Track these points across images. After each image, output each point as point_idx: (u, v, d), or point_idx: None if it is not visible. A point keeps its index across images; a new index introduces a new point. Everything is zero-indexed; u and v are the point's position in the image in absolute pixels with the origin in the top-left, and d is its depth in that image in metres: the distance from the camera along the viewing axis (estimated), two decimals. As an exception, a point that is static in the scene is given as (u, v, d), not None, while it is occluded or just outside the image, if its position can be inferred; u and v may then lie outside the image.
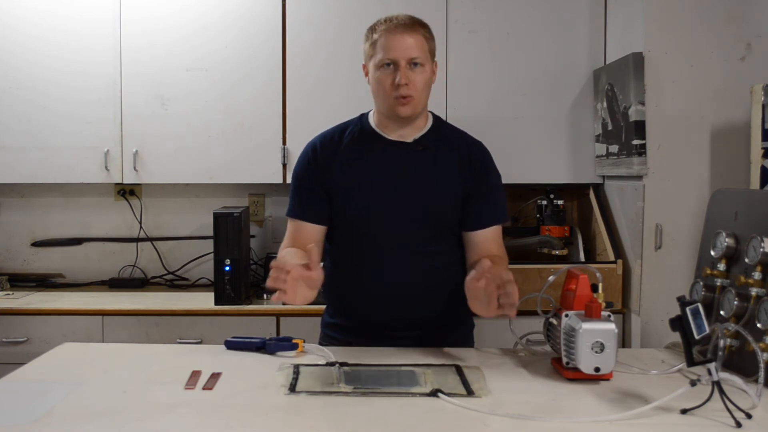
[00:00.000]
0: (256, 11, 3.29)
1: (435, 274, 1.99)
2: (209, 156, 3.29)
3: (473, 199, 2.00)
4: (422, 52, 1.92)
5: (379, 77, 1.92)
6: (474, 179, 2.00)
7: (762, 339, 1.61)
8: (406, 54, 1.89)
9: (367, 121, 2.04)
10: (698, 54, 2.87)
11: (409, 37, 1.90)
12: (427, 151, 1.99)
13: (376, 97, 1.98)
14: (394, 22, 1.92)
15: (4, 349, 2.99)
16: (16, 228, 3.63)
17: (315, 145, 2.04)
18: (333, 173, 1.99)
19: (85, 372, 1.70)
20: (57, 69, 3.27)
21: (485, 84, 3.31)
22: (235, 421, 1.40)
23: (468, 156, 2.02)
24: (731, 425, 1.37)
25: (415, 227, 1.97)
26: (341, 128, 2.06)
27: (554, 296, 1.82)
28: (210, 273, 3.32)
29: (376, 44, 1.91)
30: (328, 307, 2.13)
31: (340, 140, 2.02)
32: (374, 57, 1.92)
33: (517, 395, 1.56)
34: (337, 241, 2.04)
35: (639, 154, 2.88)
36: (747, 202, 1.83)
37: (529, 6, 3.30)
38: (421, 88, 1.93)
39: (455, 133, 2.08)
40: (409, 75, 1.90)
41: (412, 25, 1.93)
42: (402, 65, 1.89)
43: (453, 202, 1.99)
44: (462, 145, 2.04)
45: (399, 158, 1.99)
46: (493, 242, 2.02)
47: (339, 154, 2.00)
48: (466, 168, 2.00)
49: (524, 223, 3.55)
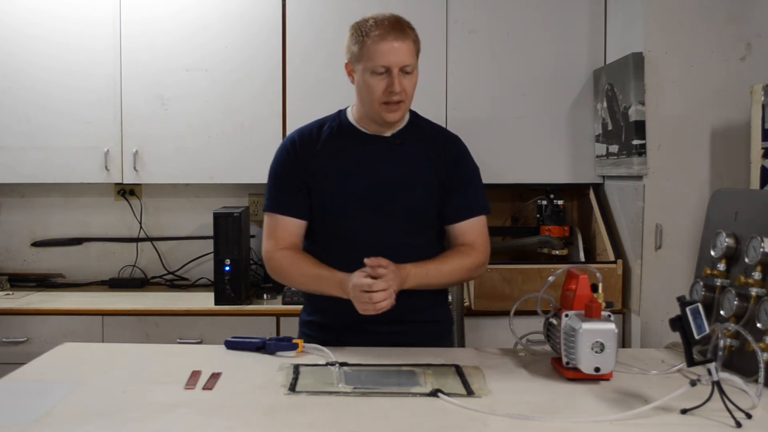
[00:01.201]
0: (256, 11, 3.29)
1: None
2: (209, 156, 3.29)
3: (452, 192, 2.02)
4: (413, 58, 1.93)
5: (371, 83, 1.92)
6: (451, 172, 2.02)
7: (762, 339, 1.61)
8: (399, 61, 1.90)
9: (346, 116, 2.06)
10: (698, 54, 2.87)
11: (401, 44, 1.90)
12: (405, 145, 2.01)
13: (362, 99, 1.99)
14: (385, 26, 1.91)
15: (4, 349, 2.99)
16: (16, 228, 3.63)
17: (294, 139, 2.05)
18: (312, 167, 2.00)
19: (85, 372, 1.70)
20: (57, 69, 3.27)
21: (485, 84, 3.31)
22: (235, 421, 1.40)
23: (445, 150, 2.04)
24: (731, 425, 1.37)
25: (393, 221, 1.98)
26: (319, 123, 2.08)
27: (554, 296, 1.82)
28: (210, 273, 3.32)
29: (368, 49, 1.91)
30: (306, 304, 2.13)
31: (319, 134, 2.04)
32: (364, 61, 1.92)
33: (517, 395, 1.56)
34: (316, 235, 2.05)
35: (639, 154, 2.88)
36: (747, 202, 1.83)
37: (529, 6, 3.30)
38: (411, 93, 1.96)
39: (432, 128, 2.10)
40: (401, 81, 1.92)
41: (402, 29, 1.92)
42: (395, 73, 1.90)
43: (430, 195, 2.01)
44: (439, 140, 2.06)
45: (377, 152, 2.00)
46: (472, 233, 2.04)
47: (318, 147, 2.01)
48: (442, 161, 2.02)
49: (524, 223, 3.55)
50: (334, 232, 2.01)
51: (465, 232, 2.03)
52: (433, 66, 3.29)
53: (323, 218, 2.01)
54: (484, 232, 2.07)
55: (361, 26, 1.95)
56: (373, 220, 1.97)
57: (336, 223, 2.00)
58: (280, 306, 3.06)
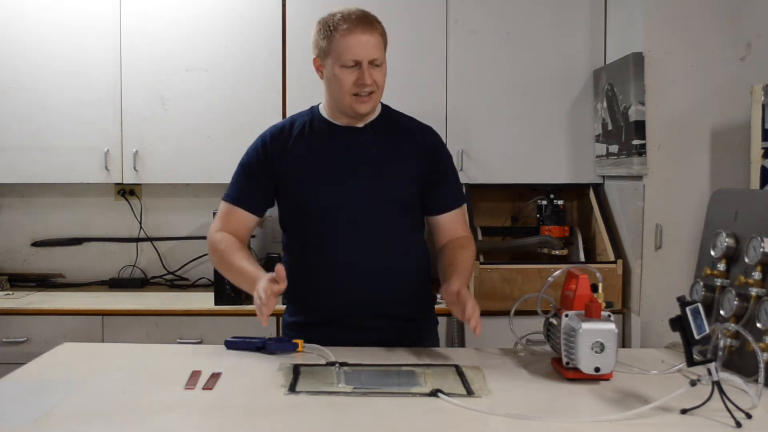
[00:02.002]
0: (256, 11, 3.29)
1: (395, 259, 2.00)
2: (209, 156, 3.29)
3: (433, 182, 2.03)
4: (381, 51, 1.95)
5: (341, 77, 1.93)
6: (429, 161, 2.03)
7: (762, 339, 1.61)
8: (369, 55, 1.91)
9: (318, 111, 2.07)
10: (698, 54, 2.87)
11: (369, 37, 1.91)
12: (378, 134, 2.02)
13: (332, 93, 2.00)
14: (353, 20, 1.92)
15: (4, 349, 2.99)
16: (16, 228, 3.63)
17: (265, 137, 2.06)
18: (284, 163, 2.01)
19: (85, 372, 1.70)
20: (57, 69, 3.28)
21: (485, 84, 3.31)
22: (235, 421, 1.40)
23: (422, 138, 2.05)
24: (731, 425, 1.37)
25: (372, 210, 1.98)
26: (290, 120, 2.09)
27: (554, 296, 1.82)
28: (210, 273, 3.32)
29: (337, 43, 1.92)
30: (288, 305, 2.14)
31: (290, 131, 2.04)
32: (333, 56, 1.93)
33: (517, 395, 1.56)
34: (294, 231, 2.05)
35: (639, 154, 2.88)
36: (747, 202, 1.83)
37: (529, 6, 3.30)
38: (381, 85, 1.97)
39: (405, 118, 2.11)
40: (372, 73, 1.93)
41: (370, 22, 1.93)
42: (365, 65, 1.91)
43: (408, 183, 2.01)
44: (414, 128, 2.07)
45: (351, 143, 2.01)
46: (459, 224, 2.07)
47: (290, 143, 2.02)
48: (421, 150, 2.03)
49: (524, 223, 3.55)
50: (311, 225, 2.01)
51: (453, 222, 2.06)
52: (433, 66, 3.29)
53: (299, 212, 2.02)
54: (466, 220, 2.12)
55: (328, 21, 1.96)
56: (350, 210, 1.97)
57: (312, 216, 2.00)
58: (280, 306, 3.05)
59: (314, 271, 2.00)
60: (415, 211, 2.06)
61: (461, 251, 2.00)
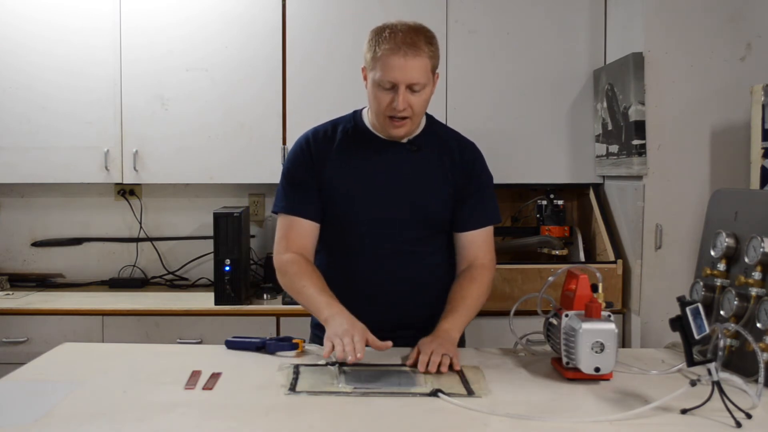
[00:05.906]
0: (256, 11, 3.29)
1: (423, 274, 1.99)
2: (209, 156, 3.29)
3: (464, 200, 2.00)
4: (423, 75, 1.85)
5: (377, 95, 1.87)
6: (464, 179, 2.01)
7: (762, 339, 1.61)
8: (407, 79, 1.83)
9: (361, 119, 2.02)
10: (698, 54, 2.87)
11: (412, 61, 1.82)
12: (420, 151, 1.99)
13: (371, 108, 1.95)
14: (398, 40, 1.82)
15: (4, 349, 2.99)
16: (16, 228, 3.63)
17: (308, 138, 2.02)
18: (326, 167, 1.97)
19: (85, 372, 1.70)
20: (57, 69, 3.27)
21: (485, 84, 3.31)
22: (235, 421, 1.40)
23: (460, 156, 2.02)
24: (731, 425, 1.37)
25: (405, 227, 1.97)
26: (333, 124, 2.04)
27: (554, 296, 1.82)
28: (210, 273, 3.32)
29: (378, 61, 1.84)
30: None
31: (333, 135, 2.00)
32: (374, 72, 1.86)
33: (517, 395, 1.56)
34: (328, 238, 2.03)
35: (639, 154, 2.88)
36: (747, 202, 1.83)
37: (529, 6, 3.30)
38: (418, 110, 1.89)
39: (448, 134, 2.07)
40: (408, 98, 1.85)
41: (415, 45, 1.83)
42: (401, 90, 1.84)
43: (443, 202, 1.99)
44: (454, 146, 2.03)
45: (392, 158, 1.98)
46: (481, 245, 2.02)
47: (333, 148, 1.98)
48: (457, 168, 2.00)
49: (524, 223, 3.55)
50: (344, 234, 1.99)
51: (472, 242, 2.01)
52: (433, 66, 3.29)
53: (334, 220, 1.99)
54: (490, 242, 2.05)
55: (377, 34, 1.87)
56: (385, 226, 1.96)
57: (346, 226, 1.98)
58: (280, 306, 3.06)
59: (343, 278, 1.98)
60: (448, 228, 2.03)
61: (470, 286, 1.96)
